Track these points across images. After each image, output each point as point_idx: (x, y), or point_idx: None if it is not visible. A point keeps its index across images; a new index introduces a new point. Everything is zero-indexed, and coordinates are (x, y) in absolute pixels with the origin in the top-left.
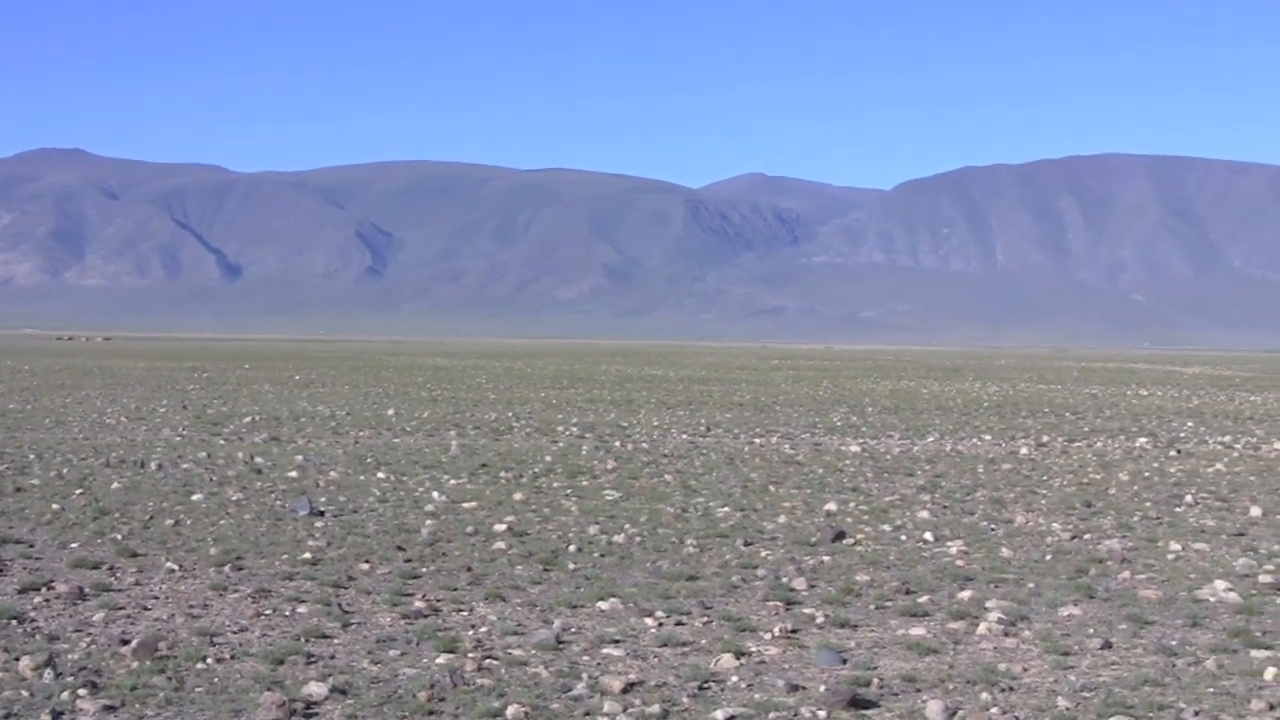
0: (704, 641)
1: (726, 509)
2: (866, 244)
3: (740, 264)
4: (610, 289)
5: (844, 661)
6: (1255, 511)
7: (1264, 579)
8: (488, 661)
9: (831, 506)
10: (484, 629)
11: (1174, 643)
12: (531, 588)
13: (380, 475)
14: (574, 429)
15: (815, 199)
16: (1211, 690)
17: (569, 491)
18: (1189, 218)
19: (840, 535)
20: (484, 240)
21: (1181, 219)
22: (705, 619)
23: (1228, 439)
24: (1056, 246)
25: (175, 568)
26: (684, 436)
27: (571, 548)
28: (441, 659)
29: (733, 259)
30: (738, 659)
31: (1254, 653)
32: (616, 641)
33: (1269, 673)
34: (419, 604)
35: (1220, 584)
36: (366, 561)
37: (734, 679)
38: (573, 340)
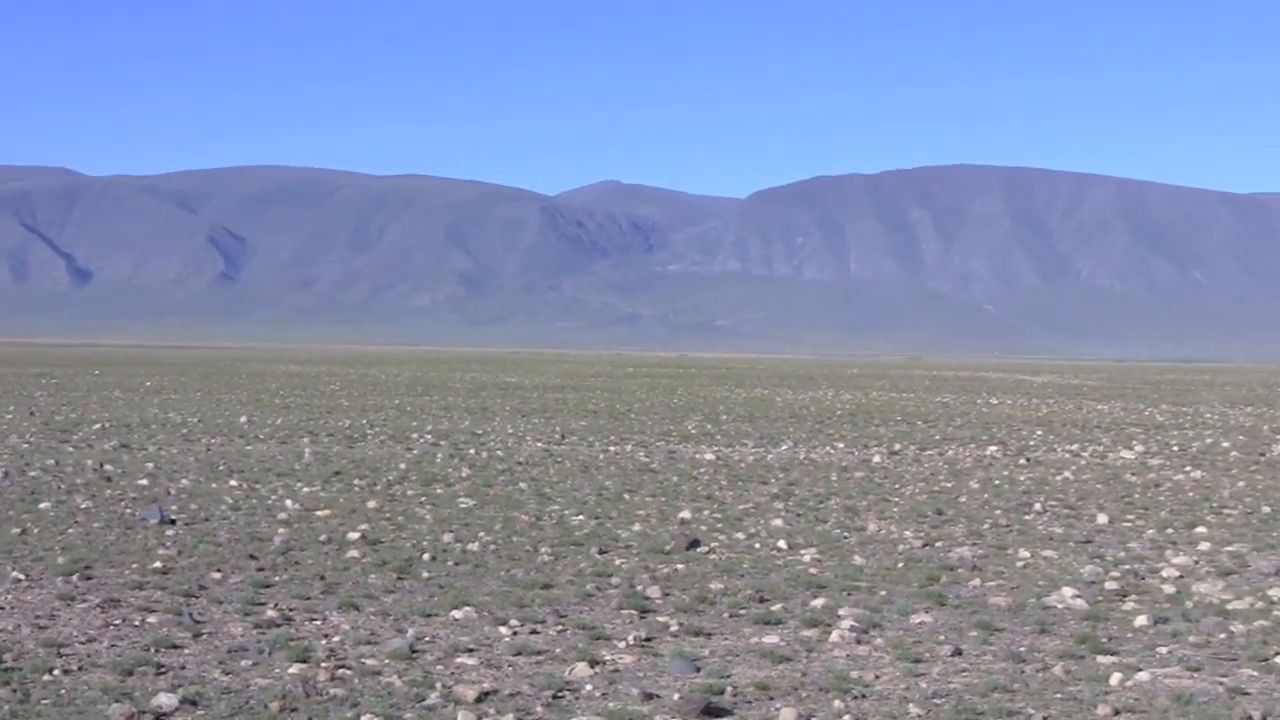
0: (558, 650)
1: (581, 517)
2: (721, 252)
3: (595, 272)
4: (465, 296)
5: (698, 670)
6: (1102, 519)
7: (1110, 586)
8: (341, 671)
9: (686, 514)
10: (337, 638)
11: (1023, 649)
12: (385, 596)
13: (232, 483)
14: (428, 436)
15: (671, 207)
16: (1059, 696)
17: (423, 499)
18: (1038, 229)
19: (694, 543)
20: (338, 247)
21: (1031, 230)
22: (559, 627)
23: (1075, 447)
24: (909, 256)
25: (21, 577)
26: (539, 444)
27: (426, 556)
28: (294, 669)
29: (588, 267)
30: (592, 668)
31: (1100, 659)
32: (471, 650)
33: (1114, 678)
34: (271, 613)
35: (1068, 591)
36: (218, 570)
37: (588, 688)
38: (427, 347)
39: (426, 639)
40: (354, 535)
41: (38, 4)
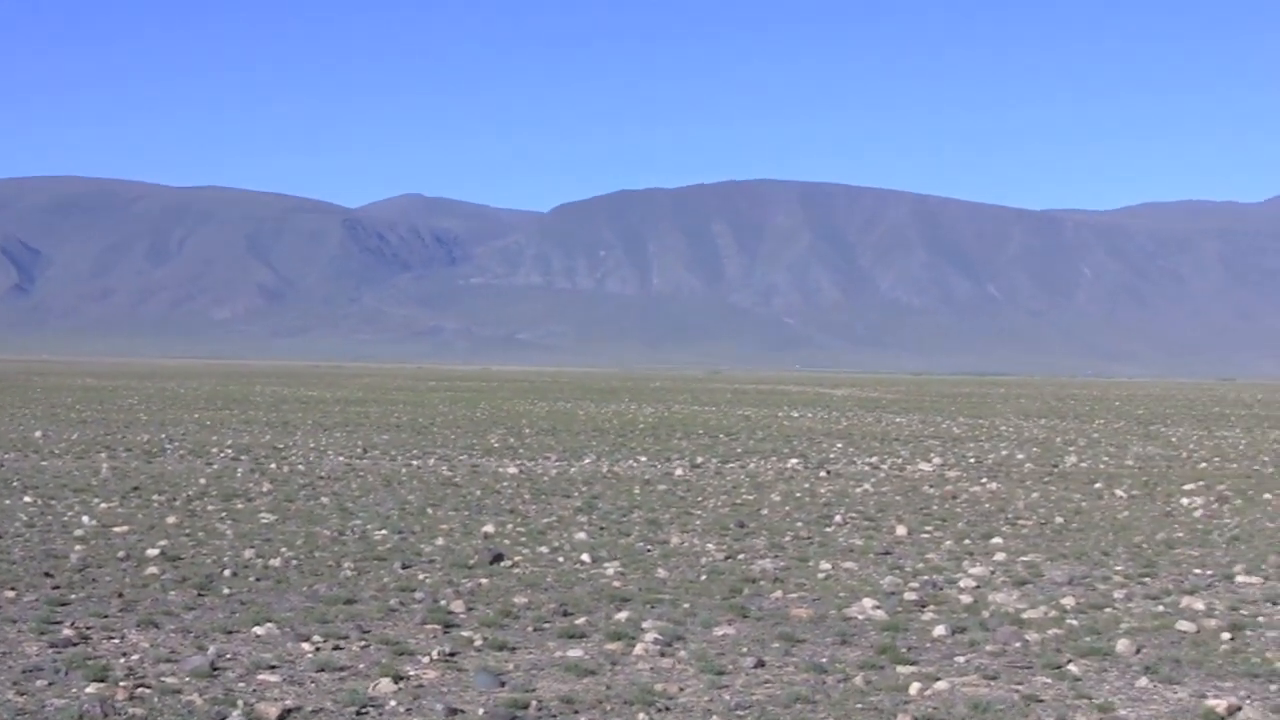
0: (361, 666)
1: (384, 532)
2: (524, 266)
3: (397, 285)
4: (266, 309)
5: (502, 684)
6: (901, 531)
7: (909, 596)
8: (140, 690)
9: (489, 528)
10: (136, 656)
11: (824, 660)
12: (185, 613)
13: (27, 499)
14: (229, 451)
15: (473, 220)
16: (860, 706)
17: (224, 515)
18: (838, 243)
19: (498, 557)
20: (136, 258)
21: (831, 244)
22: (363, 643)
23: (875, 460)
24: (711, 270)
25: None
26: (341, 458)
27: (226, 572)
28: (91, 688)
29: (390, 280)
30: (396, 683)
31: (900, 668)
32: (273, 667)
33: (913, 687)
34: (68, 632)
35: (868, 602)
36: (12, 589)
37: (392, 703)
38: (228, 361)
39: (228, 656)
40: (153, 551)
41: None
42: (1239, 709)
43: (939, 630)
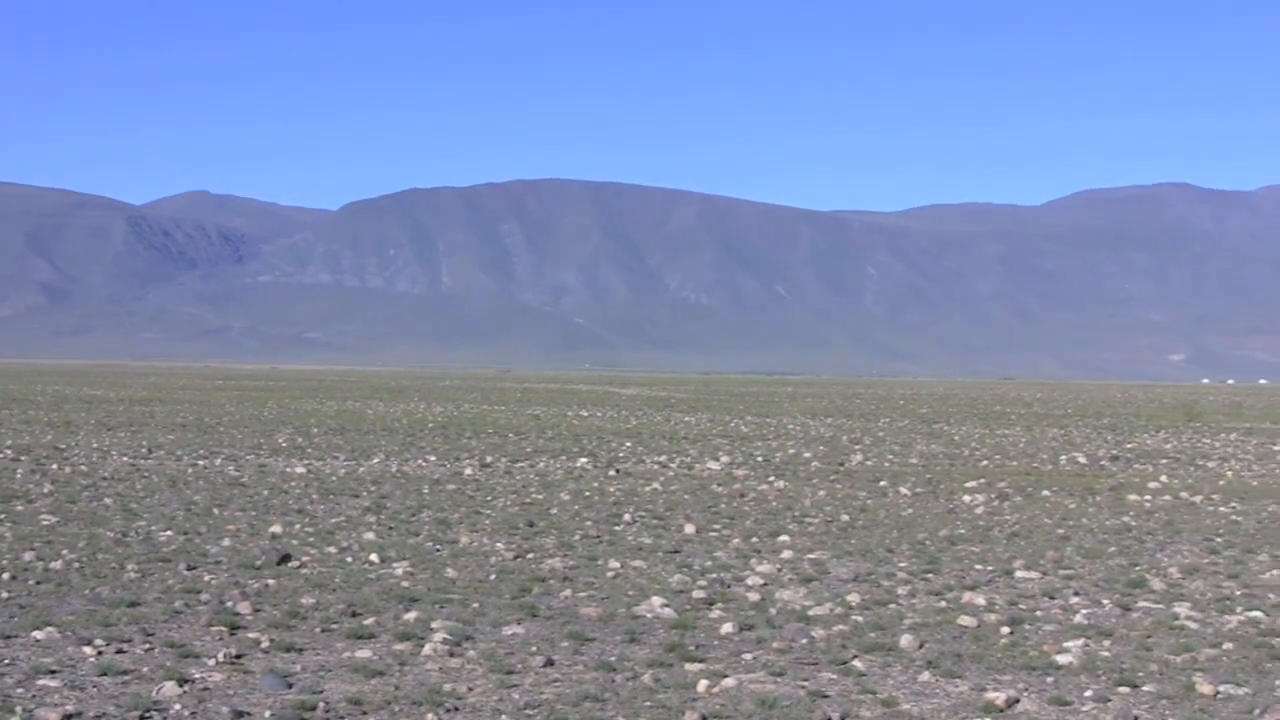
0: (145, 669)
1: (169, 532)
2: (313, 264)
3: (184, 283)
4: (48, 307)
5: (290, 686)
6: (689, 529)
7: (697, 594)
8: None
9: (277, 529)
10: None
11: (613, 659)
12: None
13: None
14: (8, 451)
15: (261, 218)
16: (649, 704)
17: (2, 517)
18: (627, 243)
19: (286, 558)
20: None
21: (620, 244)
22: (147, 646)
23: (664, 458)
24: (501, 269)
25: None
26: (125, 459)
27: (5, 575)
28: None
29: (175, 278)
30: (181, 686)
31: (688, 666)
32: (53, 672)
33: (701, 685)
34: None
35: (657, 600)
36: None
37: (177, 707)
38: (8, 360)
39: (6, 661)
40: None
41: None
42: (1017, 701)
43: (727, 628)
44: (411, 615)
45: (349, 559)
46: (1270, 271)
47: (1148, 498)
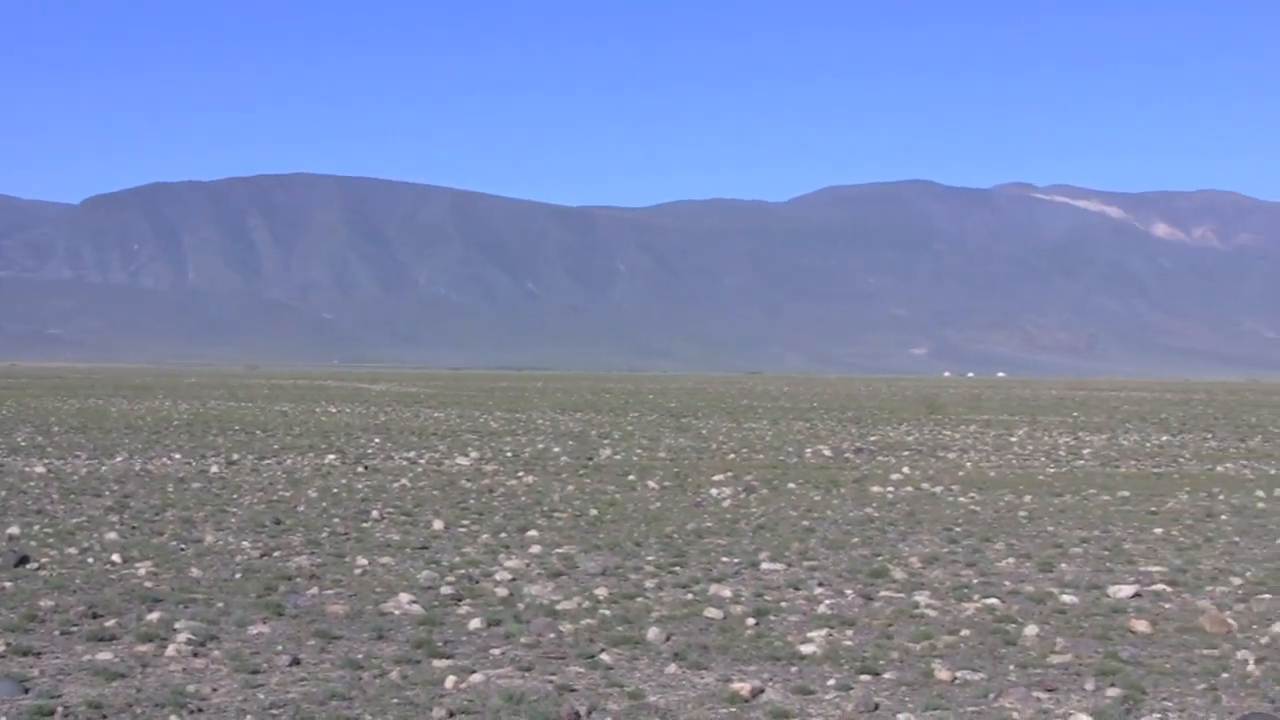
0: None
1: None
2: (54, 259)
3: None
4: None
5: (26, 691)
6: (438, 525)
7: (445, 590)
8: None
9: (14, 530)
10: None
11: (360, 656)
12: None
13: None
14: None
15: None
16: (396, 701)
17: None
18: (376, 238)
19: (24, 560)
20: None
21: (369, 239)
22: None
23: (413, 454)
24: (248, 264)
25: None
26: None
27: None
28: None
29: None
30: None
31: (436, 662)
32: None
33: (449, 681)
34: None
35: (405, 597)
36: None
37: None
38: None
39: None
40: None
41: None
42: (762, 691)
43: (475, 623)
44: (154, 616)
45: (90, 560)
46: (1008, 267)
47: (890, 489)
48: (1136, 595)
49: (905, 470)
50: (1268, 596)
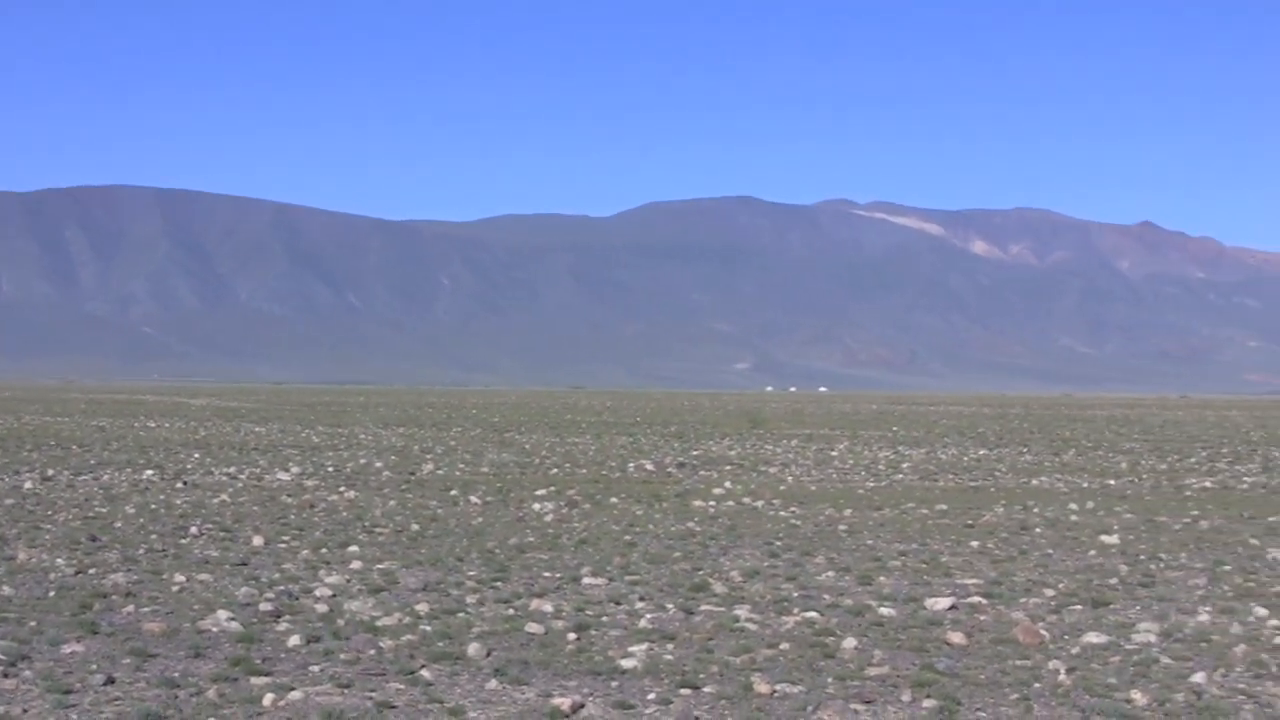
0: None
1: None
2: None
3: None
4: None
5: None
6: (258, 541)
7: (265, 607)
8: None
9: None
10: None
11: (177, 674)
12: None
13: None
14: None
15: None
16: (212, 719)
17: None
18: (197, 251)
19: None
20: None
21: (189, 252)
22: None
23: (233, 470)
24: (65, 277)
25: None
26: None
27: None
28: None
29: None
30: None
31: (254, 679)
32: None
33: (268, 698)
34: None
35: (223, 614)
36: None
37: None
38: None
39: None
40: None
41: None
42: (582, 706)
43: (294, 640)
44: None
45: None
46: (828, 283)
47: (712, 503)
48: (953, 608)
49: (727, 485)
50: (1079, 608)
